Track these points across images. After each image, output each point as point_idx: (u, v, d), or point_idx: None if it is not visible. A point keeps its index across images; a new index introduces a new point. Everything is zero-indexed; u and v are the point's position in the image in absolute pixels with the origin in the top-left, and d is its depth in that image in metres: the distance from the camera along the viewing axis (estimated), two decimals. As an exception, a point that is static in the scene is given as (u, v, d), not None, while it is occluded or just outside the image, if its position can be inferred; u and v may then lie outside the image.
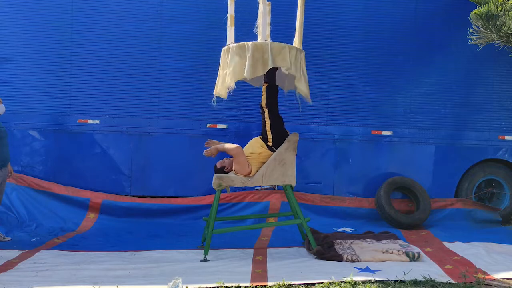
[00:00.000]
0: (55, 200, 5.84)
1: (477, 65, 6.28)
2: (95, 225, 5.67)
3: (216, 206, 4.53)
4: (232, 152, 4.46)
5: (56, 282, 3.64)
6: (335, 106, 6.28)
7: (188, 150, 6.13)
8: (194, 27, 6.09)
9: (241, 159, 4.44)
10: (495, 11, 4.66)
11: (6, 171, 5.04)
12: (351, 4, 6.22)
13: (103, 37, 6.04)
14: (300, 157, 5.99)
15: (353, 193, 6.28)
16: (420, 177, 6.23)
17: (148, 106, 6.11)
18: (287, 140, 4.52)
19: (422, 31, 6.26)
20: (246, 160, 4.47)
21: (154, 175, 6.14)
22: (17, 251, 4.58)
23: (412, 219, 5.83)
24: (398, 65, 6.28)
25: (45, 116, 6.02)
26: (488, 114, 6.36)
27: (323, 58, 6.16)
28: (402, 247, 4.44)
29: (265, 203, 5.97)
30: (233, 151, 4.45)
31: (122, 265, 4.12)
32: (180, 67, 6.12)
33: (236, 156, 4.45)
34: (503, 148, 6.38)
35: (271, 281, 3.63)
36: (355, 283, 3.60)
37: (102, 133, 6.09)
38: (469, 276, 3.78)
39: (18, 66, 5.97)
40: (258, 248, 4.79)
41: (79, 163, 6.05)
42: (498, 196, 6.44)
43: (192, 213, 5.94)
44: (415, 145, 6.32)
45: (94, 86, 6.05)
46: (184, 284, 3.43)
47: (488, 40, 4.87)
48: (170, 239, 5.12)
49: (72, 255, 4.47)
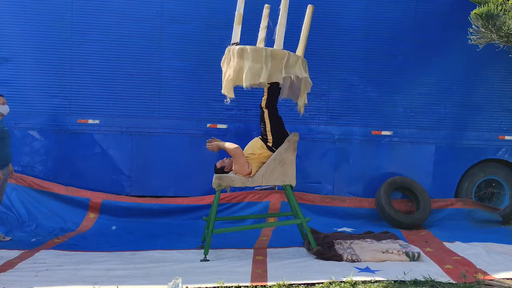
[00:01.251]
0: (55, 200, 5.84)
1: (477, 65, 6.28)
2: (95, 225, 5.67)
3: (216, 206, 4.53)
4: (231, 152, 4.46)
5: (56, 282, 3.64)
6: (335, 106, 6.28)
7: (188, 150, 6.13)
8: (194, 27, 6.09)
9: (240, 160, 4.44)
10: (495, 11, 4.67)
11: (8, 171, 5.06)
12: (351, 4, 6.22)
13: (103, 37, 6.03)
14: (300, 157, 5.98)
15: (353, 193, 6.28)
16: (420, 177, 6.22)
17: (148, 106, 6.11)
18: (287, 140, 4.52)
19: (422, 31, 6.26)
20: (245, 160, 4.47)
21: (154, 175, 6.14)
22: (17, 251, 4.58)
23: (412, 219, 5.83)
24: (398, 65, 6.28)
25: (45, 116, 6.02)
26: (488, 114, 6.36)
27: (323, 58, 6.15)
28: (402, 247, 4.44)
29: (265, 203, 5.97)
30: (232, 151, 4.45)
31: (122, 265, 4.12)
32: (180, 67, 6.12)
33: (235, 156, 4.45)
34: (503, 148, 6.38)
35: (271, 281, 3.63)
36: (355, 283, 3.61)
37: (102, 133, 6.09)
38: (469, 276, 3.77)
39: (18, 66, 5.97)
40: (258, 248, 4.79)
41: (79, 163, 6.05)
42: (498, 196, 6.43)
43: (192, 213, 5.94)
44: (415, 145, 6.32)
45: (94, 86, 6.04)
46: (184, 284, 3.42)
47: (488, 40, 4.88)
48: (170, 239, 5.11)
49: (72, 255, 4.47)
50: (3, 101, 4.97)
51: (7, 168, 5.02)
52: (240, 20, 4.34)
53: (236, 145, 4.50)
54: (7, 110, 5.00)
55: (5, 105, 4.97)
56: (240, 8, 4.36)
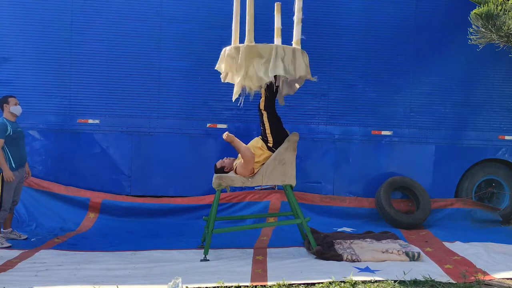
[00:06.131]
0: (55, 200, 5.85)
1: (477, 65, 6.28)
2: (95, 225, 5.68)
3: (216, 206, 4.53)
4: (245, 158, 4.42)
5: (56, 282, 3.64)
6: (335, 106, 6.28)
7: (188, 150, 6.13)
8: (194, 27, 6.09)
9: (249, 166, 4.44)
10: (495, 11, 4.66)
11: (23, 171, 5.11)
12: (351, 4, 6.22)
13: (103, 36, 6.03)
14: (300, 157, 5.98)
15: (353, 193, 6.28)
16: (420, 177, 6.22)
17: (148, 106, 6.11)
18: (287, 140, 4.52)
19: (422, 31, 6.26)
20: (253, 168, 4.47)
21: (154, 175, 6.14)
22: (17, 250, 4.59)
23: (412, 219, 5.82)
24: (398, 65, 6.28)
25: (45, 116, 6.02)
26: (488, 114, 6.36)
27: (323, 58, 6.15)
28: (402, 247, 4.44)
29: (265, 203, 5.97)
30: (246, 157, 4.41)
31: (122, 265, 4.12)
32: (180, 67, 6.12)
33: (247, 163, 4.43)
34: (503, 148, 6.38)
35: (271, 280, 3.63)
36: (355, 283, 3.61)
37: (102, 132, 6.09)
38: (469, 276, 3.78)
39: (18, 66, 5.97)
40: (258, 248, 4.79)
41: (79, 163, 6.05)
42: (498, 196, 6.43)
43: (192, 213, 5.94)
44: (415, 145, 6.32)
45: (94, 85, 6.04)
46: (184, 284, 3.43)
47: (488, 40, 4.87)
48: (170, 239, 5.12)
49: (72, 254, 4.47)
50: (16, 102, 5.02)
51: (23, 168, 5.09)
52: (279, 34, 4.37)
53: (252, 153, 4.46)
54: (19, 111, 5.05)
55: (17, 105, 5.02)
56: (278, 22, 4.39)
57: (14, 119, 5.02)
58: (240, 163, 4.51)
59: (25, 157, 5.15)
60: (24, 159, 5.12)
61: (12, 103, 4.99)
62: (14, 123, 4.99)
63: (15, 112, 5.00)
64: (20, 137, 5.02)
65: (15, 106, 4.99)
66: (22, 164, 5.05)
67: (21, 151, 5.03)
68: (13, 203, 5.06)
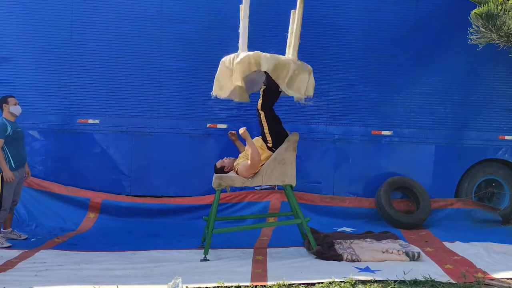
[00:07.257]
0: (55, 200, 5.85)
1: (477, 65, 6.27)
2: (95, 225, 5.68)
3: (216, 206, 4.53)
4: (252, 161, 4.40)
5: (56, 282, 3.64)
6: (335, 106, 6.28)
7: (188, 150, 6.13)
8: (194, 27, 6.09)
9: (253, 170, 4.44)
10: (495, 10, 4.66)
11: (23, 171, 5.12)
12: (351, 4, 6.22)
13: (103, 36, 6.03)
14: (300, 157, 5.96)
15: (353, 193, 6.28)
16: (420, 177, 6.22)
17: (148, 106, 6.11)
18: (287, 140, 4.52)
19: (422, 31, 6.26)
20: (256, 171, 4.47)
21: (154, 175, 6.14)
22: (17, 250, 4.59)
23: (412, 219, 5.82)
24: (398, 65, 6.28)
25: (45, 116, 6.02)
26: (488, 114, 6.36)
27: (323, 58, 6.14)
28: (402, 247, 4.44)
29: (265, 203, 5.97)
30: (254, 160, 4.39)
31: (122, 265, 4.12)
32: (180, 67, 6.11)
33: (251, 166, 4.41)
34: (503, 148, 6.38)
35: (271, 280, 3.63)
36: (355, 283, 3.61)
37: (102, 133, 6.09)
38: (469, 276, 3.78)
39: (18, 66, 5.97)
40: (258, 248, 4.79)
41: (79, 163, 6.05)
42: (498, 196, 6.43)
43: (192, 213, 5.94)
44: (415, 145, 6.31)
45: (94, 86, 6.04)
46: (184, 284, 3.43)
47: (488, 40, 4.87)
48: (170, 239, 5.12)
49: (72, 255, 4.47)
50: (15, 102, 5.03)
51: (23, 168, 5.10)
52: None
53: (260, 158, 4.43)
54: (19, 111, 5.06)
55: (17, 105, 5.02)
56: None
57: (14, 119, 5.03)
58: (244, 164, 4.48)
59: (25, 157, 5.15)
60: (24, 159, 5.13)
61: (11, 103, 4.99)
62: (13, 123, 5.00)
63: (15, 112, 5.00)
64: (20, 137, 5.03)
65: (15, 106, 5.00)
66: (22, 164, 5.06)
67: (21, 151, 5.04)
68: (13, 203, 5.07)
